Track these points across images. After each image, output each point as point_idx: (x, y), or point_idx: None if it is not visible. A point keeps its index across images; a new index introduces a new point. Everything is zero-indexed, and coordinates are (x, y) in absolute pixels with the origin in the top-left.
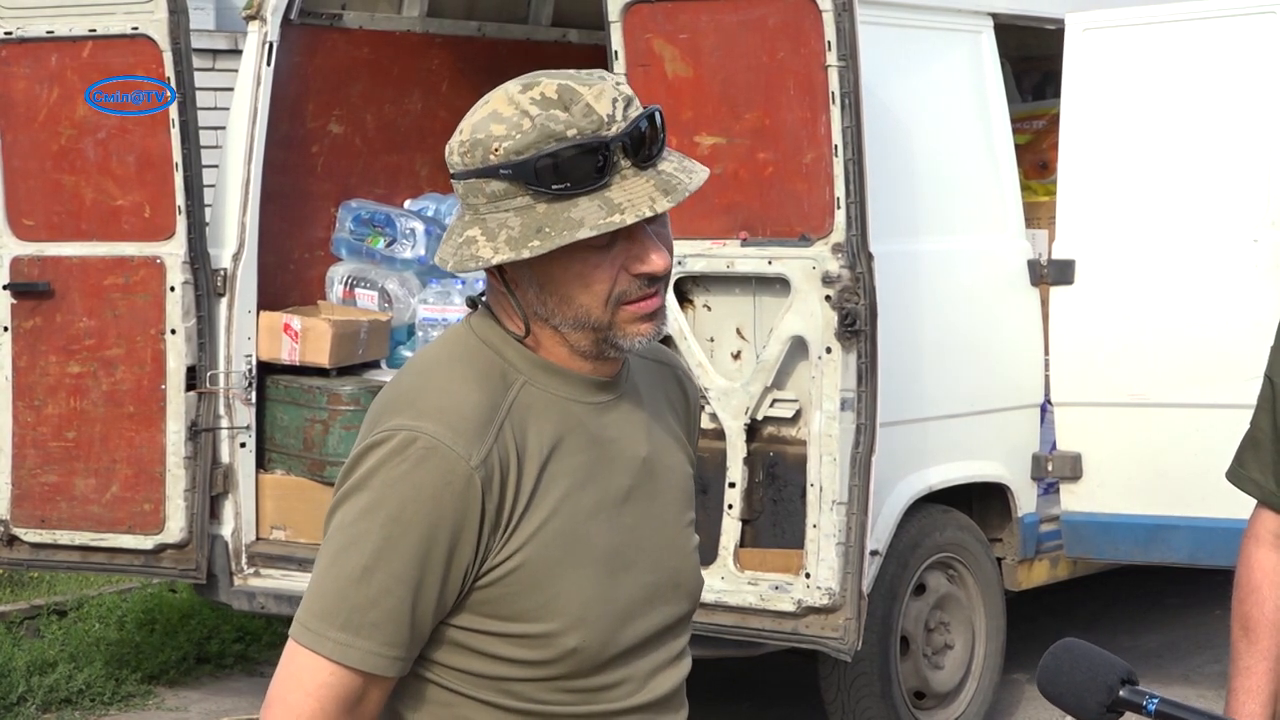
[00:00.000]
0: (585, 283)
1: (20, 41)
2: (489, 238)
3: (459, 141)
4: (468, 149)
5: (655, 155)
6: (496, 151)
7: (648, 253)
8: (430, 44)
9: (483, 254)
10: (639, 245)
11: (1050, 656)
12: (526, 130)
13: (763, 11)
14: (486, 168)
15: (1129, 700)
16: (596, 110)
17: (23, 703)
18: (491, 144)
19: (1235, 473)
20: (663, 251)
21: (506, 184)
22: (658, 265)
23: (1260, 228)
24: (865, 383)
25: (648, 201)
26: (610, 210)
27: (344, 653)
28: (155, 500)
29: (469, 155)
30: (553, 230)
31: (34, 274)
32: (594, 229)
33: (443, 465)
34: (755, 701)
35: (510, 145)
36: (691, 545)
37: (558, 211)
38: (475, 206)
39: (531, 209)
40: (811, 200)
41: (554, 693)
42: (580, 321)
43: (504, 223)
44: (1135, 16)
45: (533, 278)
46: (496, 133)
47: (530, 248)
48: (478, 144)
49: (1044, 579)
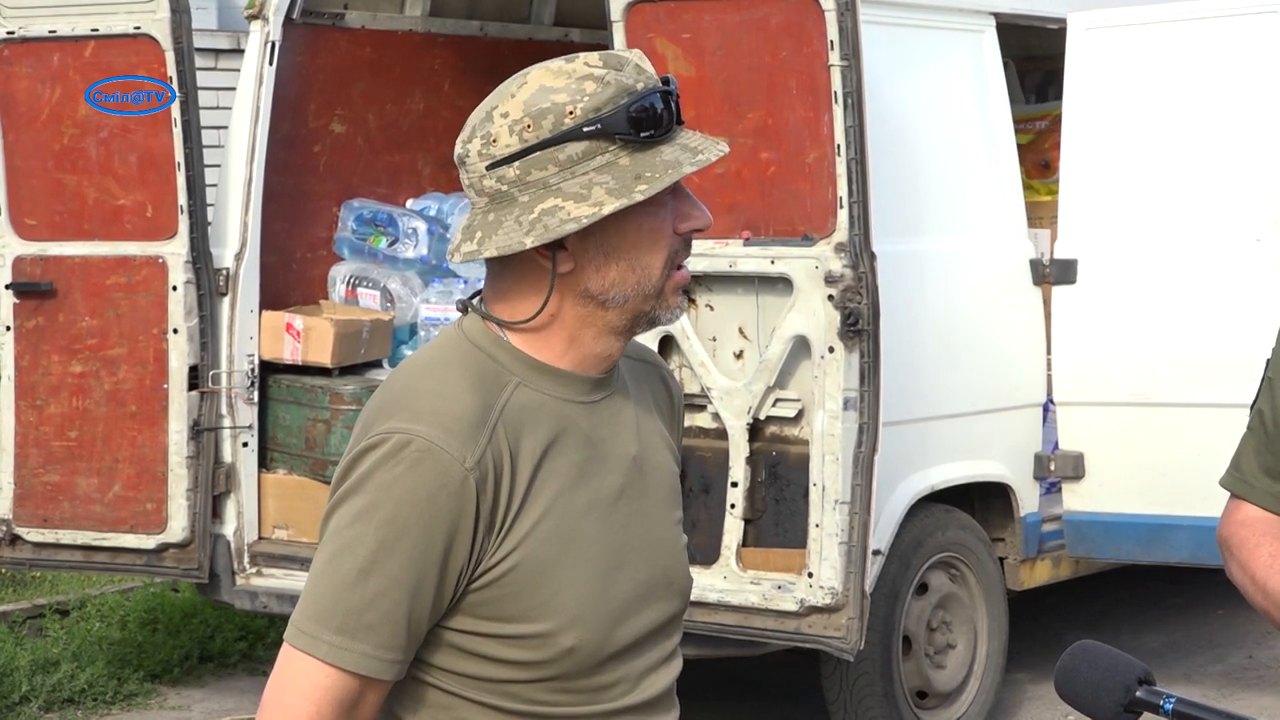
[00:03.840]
0: (655, 240)
1: (22, 41)
2: (578, 200)
3: (510, 122)
4: (529, 123)
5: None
6: (572, 114)
7: (694, 209)
8: (432, 43)
9: (580, 213)
10: (687, 203)
11: (1067, 658)
12: (596, 91)
13: (765, 11)
14: (564, 132)
15: (1146, 700)
16: (645, 68)
17: (26, 702)
18: (564, 108)
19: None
20: (704, 209)
21: (587, 144)
22: (704, 219)
23: (1263, 227)
24: (868, 382)
25: (713, 144)
26: (693, 152)
27: (339, 656)
28: (158, 500)
29: (531, 129)
30: (654, 173)
31: (36, 273)
32: (693, 165)
33: (437, 467)
34: (757, 701)
35: (586, 104)
36: (681, 544)
37: (648, 159)
38: (542, 181)
39: (615, 164)
40: (814, 200)
41: (551, 693)
42: (640, 288)
43: (590, 182)
44: (1137, 16)
45: (600, 245)
46: (561, 100)
47: (640, 191)
48: (543, 114)
49: (1046, 579)
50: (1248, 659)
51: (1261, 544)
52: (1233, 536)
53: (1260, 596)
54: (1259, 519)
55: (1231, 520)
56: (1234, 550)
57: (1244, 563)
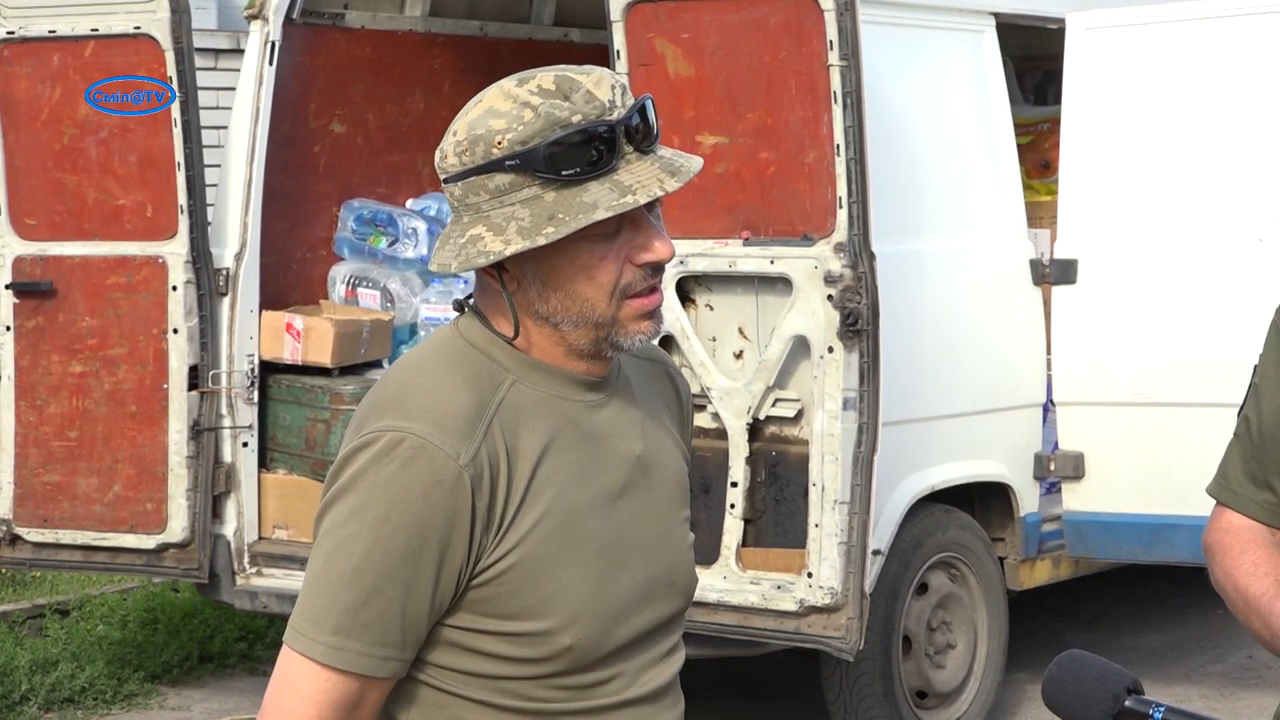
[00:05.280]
0: (590, 274)
1: (22, 41)
2: (496, 232)
3: (454, 143)
4: (465, 147)
5: (654, 142)
6: (500, 144)
7: (652, 241)
8: (432, 43)
9: (492, 248)
10: (643, 234)
11: (1055, 668)
12: (529, 120)
13: (765, 11)
14: (490, 162)
15: (1135, 710)
16: (598, 96)
17: (25, 702)
18: (494, 137)
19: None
20: (666, 240)
21: (513, 176)
22: (663, 253)
23: (1266, 227)
24: (867, 382)
25: (657, 182)
26: (622, 192)
27: (337, 656)
28: (157, 500)
29: (467, 153)
30: (567, 215)
31: (36, 273)
32: (609, 210)
33: (431, 464)
34: (757, 701)
35: (514, 136)
36: (686, 542)
37: (568, 198)
38: (476, 205)
39: (539, 199)
40: (813, 200)
41: (547, 690)
42: (584, 317)
43: (511, 215)
44: (1137, 16)
45: (536, 274)
46: (497, 126)
47: (545, 234)
48: (477, 140)
49: (1046, 579)
50: (1248, 659)
51: (1245, 551)
52: (1217, 544)
53: (1241, 604)
54: (1243, 527)
55: (1216, 527)
56: (1218, 557)
57: (1227, 570)
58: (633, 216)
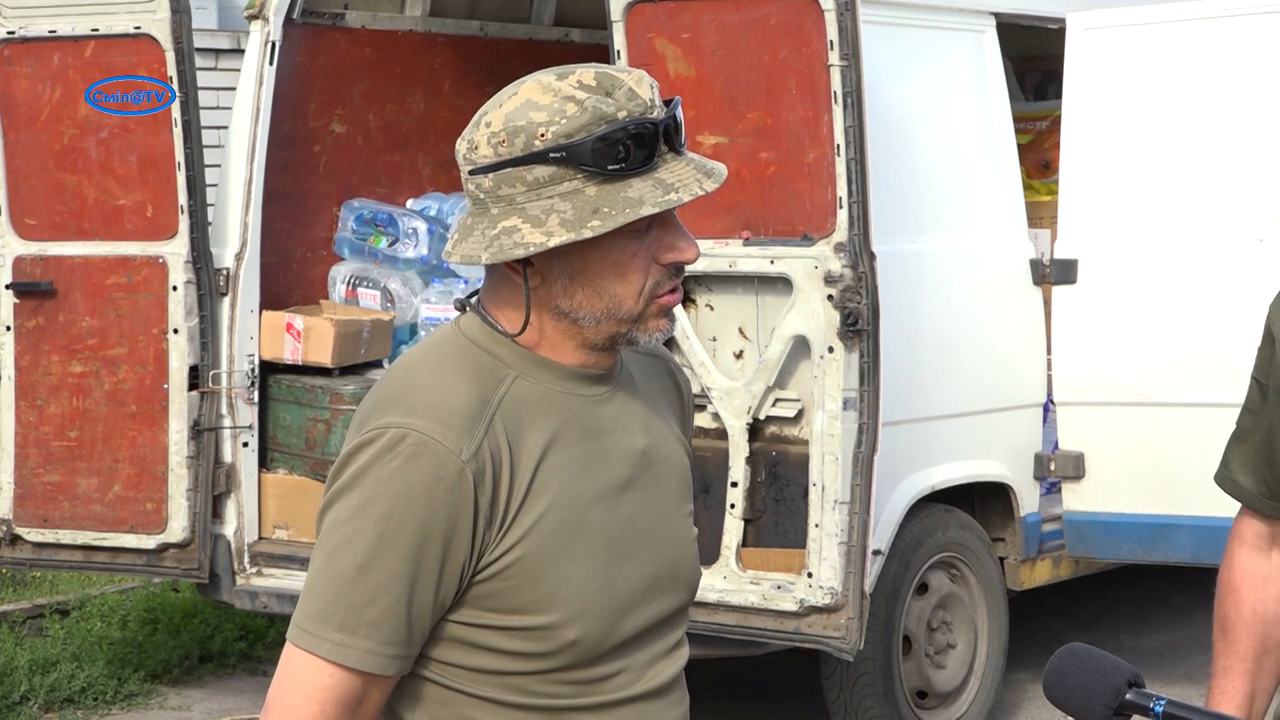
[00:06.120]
0: (621, 272)
1: (23, 41)
2: (535, 225)
3: (489, 134)
4: (503, 138)
5: (684, 143)
6: (543, 136)
7: (679, 241)
8: (432, 43)
9: (531, 239)
10: (671, 234)
11: (1056, 661)
12: (574, 114)
13: (765, 11)
14: (531, 154)
15: (1136, 703)
16: (640, 95)
17: (25, 702)
18: (536, 129)
19: (1221, 475)
20: (692, 241)
21: (554, 168)
22: (689, 254)
23: (1266, 227)
24: (867, 382)
25: (696, 182)
26: (665, 190)
27: (342, 653)
28: (158, 500)
29: (505, 145)
30: (612, 210)
31: (36, 273)
32: (655, 206)
33: (433, 460)
34: (757, 701)
35: (559, 129)
36: (690, 536)
37: (612, 193)
38: (510, 198)
39: (581, 192)
40: (814, 200)
41: (552, 685)
42: (609, 313)
43: (551, 208)
44: (1137, 16)
45: (565, 269)
46: (539, 119)
47: (591, 227)
48: (518, 131)
49: (1046, 578)
50: None
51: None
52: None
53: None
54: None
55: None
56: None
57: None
58: (663, 217)
